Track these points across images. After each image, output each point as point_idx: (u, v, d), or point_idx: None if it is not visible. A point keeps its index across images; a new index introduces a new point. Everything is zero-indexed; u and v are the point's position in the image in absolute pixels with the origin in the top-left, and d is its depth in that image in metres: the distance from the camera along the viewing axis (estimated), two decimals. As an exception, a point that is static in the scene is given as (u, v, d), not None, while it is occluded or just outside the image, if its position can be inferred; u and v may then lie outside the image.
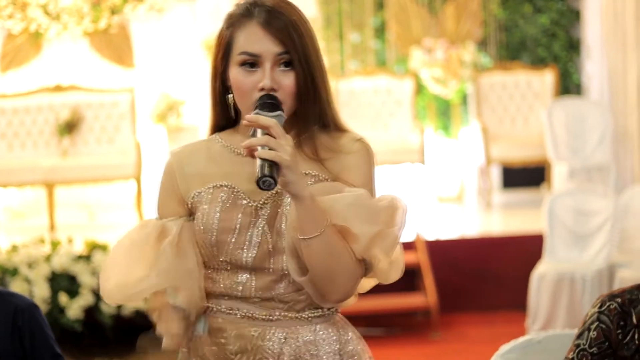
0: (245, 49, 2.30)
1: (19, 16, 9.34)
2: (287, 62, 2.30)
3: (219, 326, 2.35)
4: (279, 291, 2.32)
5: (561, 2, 10.04)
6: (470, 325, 7.13)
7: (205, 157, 2.39)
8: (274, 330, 2.33)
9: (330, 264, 2.23)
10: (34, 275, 6.71)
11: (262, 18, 2.30)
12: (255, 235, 2.31)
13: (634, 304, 2.63)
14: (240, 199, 2.34)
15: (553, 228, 6.69)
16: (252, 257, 2.31)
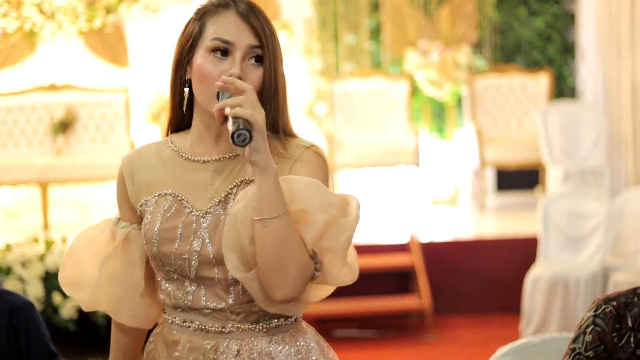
0: (219, 35, 2.25)
1: (14, 15, 9.32)
2: (256, 57, 2.27)
3: (173, 339, 2.31)
4: (229, 302, 2.26)
5: (556, 5, 10.05)
6: (464, 327, 7.13)
7: (155, 162, 2.35)
8: (227, 342, 2.27)
9: (284, 252, 2.13)
10: (27, 275, 6.69)
11: (242, 9, 2.28)
12: (197, 245, 2.25)
13: (630, 307, 2.64)
14: (184, 207, 2.29)
15: (547, 231, 6.70)
16: (195, 267, 2.26)
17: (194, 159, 2.32)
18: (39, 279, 6.70)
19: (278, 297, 2.17)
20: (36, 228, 8.30)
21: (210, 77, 2.24)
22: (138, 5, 9.41)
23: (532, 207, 8.03)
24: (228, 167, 2.30)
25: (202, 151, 2.32)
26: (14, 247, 6.87)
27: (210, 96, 2.24)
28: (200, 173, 2.30)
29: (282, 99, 2.30)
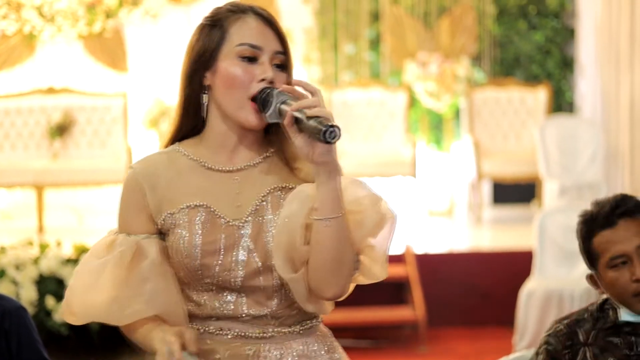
0: (247, 41, 2.26)
1: (14, 17, 9.32)
2: (281, 63, 2.28)
3: (208, 348, 2.28)
4: (271, 308, 2.28)
5: (556, 20, 10.06)
6: (458, 339, 7.12)
7: (170, 172, 2.31)
8: (268, 347, 2.28)
9: (342, 250, 2.20)
10: (21, 278, 6.67)
11: (262, 15, 2.30)
12: (241, 255, 2.25)
13: (581, 323, 2.74)
14: (218, 218, 2.27)
15: (543, 245, 6.69)
16: (240, 277, 2.25)
17: (217, 168, 2.30)
18: (33, 282, 6.69)
19: (330, 295, 2.24)
20: (31, 231, 8.28)
21: (241, 82, 2.24)
22: (138, 10, 9.41)
23: (528, 220, 8.02)
24: (252, 175, 2.30)
25: (223, 160, 2.31)
26: (8, 249, 6.85)
27: (241, 101, 2.25)
28: (226, 182, 2.29)
29: None
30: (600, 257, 2.68)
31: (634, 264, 2.65)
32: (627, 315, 2.69)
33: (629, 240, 2.66)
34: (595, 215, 2.69)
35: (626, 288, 2.65)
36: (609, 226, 2.68)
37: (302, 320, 2.32)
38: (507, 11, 9.99)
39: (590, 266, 2.73)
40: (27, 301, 6.59)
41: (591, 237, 2.69)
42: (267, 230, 2.25)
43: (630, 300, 2.66)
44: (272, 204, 2.27)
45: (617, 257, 2.66)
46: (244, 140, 2.30)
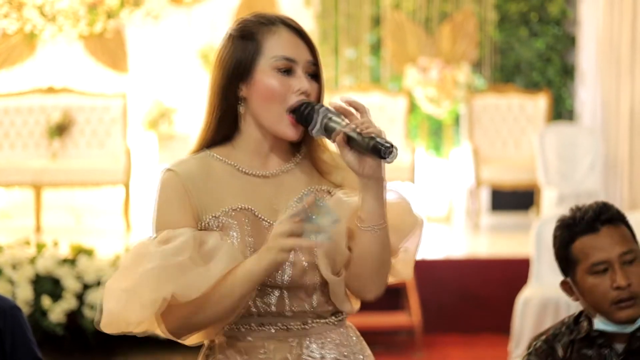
0: (283, 54, 2.32)
1: (15, 16, 9.32)
2: (313, 73, 2.36)
3: (250, 345, 2.36)
4: (311, 304, 2.37)
5: (557, 27, 10.06)
6: (453, 346, 7.11)
7: (208, 175, 2.35)
8: (309, 338, 2.38)
9: (384, 255, 2.35)
10: (17, 277, 6.67)
11: (293, 26, 2.36)
12: (290, 256, 2.31)
13: (558, 337, 2.75)
14: (260, 220, 2.35)
15: (540, 253, 6.67)
16: (288, 277, 2.34)
17: (253, 173, 2.37)
18: (29, 281, 6.68)
19: (372, 296, 2.41)
20: (28, 230, 8.28)
21: (279, 94, 2.31)
22: (140, 11, 9.41)
23: (526, 228, 8.01)
24: (285, 180, 2.39)
25: (257, 165, 2.38)
26: (5, 248, 6.85)
27: (279, 114, 2.32)
28: (262, 187, 2.36)
29: None
30: (580, 263, 2.67)
31: (616, 271, 2.64)
32: (601, 324, 2.68)
33: (612, 248, 2.65)
34: (577, 221, 2.68)
35: (605, 295, 2.64)
36: (592, 232, 2.67)
37: (336, 313, 2.42)
38: (509, 18, 10.00)
39: (566, 272, 2.72)
40: (23, 301, 6.58)
41: (571, 242, 2.68)
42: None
43: (608, 308, 2.65)
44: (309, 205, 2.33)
45: (599, 264, 2.65)
46: (276, 147, 2.39)
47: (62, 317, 6.65)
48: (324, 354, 2.38)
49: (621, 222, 2.70)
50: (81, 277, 6.73)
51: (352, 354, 2.43)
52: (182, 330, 2.31)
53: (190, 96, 9.49)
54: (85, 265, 6.71)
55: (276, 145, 2.38)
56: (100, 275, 6.73)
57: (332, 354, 2.39)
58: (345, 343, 2.42)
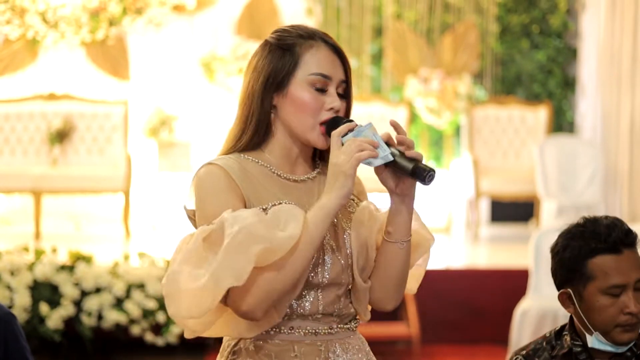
0: (320, 71, 2.40)
1: (17, 22, 9.33)
2: (343, 91, 2.43)
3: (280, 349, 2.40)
4: (339, 305, 2.44)
5: (558, 40, 10.07)
6: (451, 357, 7.11)
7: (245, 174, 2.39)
8: (335, 342, 2.44)
9: (406, 269, 2.47)
10: (15, 283, 6.66)
11: (331, 43, 2.43)
12: (328, 256, 2.40)
13: (539, 352, 2.74)
14: None
15: (539, 264, 6.67)
16: (327, 276, 2.40)
17: (288, 177, 2.44)
18: (27, 288, 6.68)
19: (390, 307, 2.51)
20: (28, 237, 8.27)
21: (312, 110, 2.39)
22: (142, 18, 9.42)
23: (525, 239, 8.01)
24: (314, 186, 2.46)
25: (287, 170, 2.46)
26: (4, 254, 6.84)
27: (310, 126, 2.40)
28: (296, 190, 2.43)
29: None
30: (595, 280, 2.62)
31: (629, 297, 2.61)
32: (596, 343, 2.65)
33: (630, 272, 2.61)
34: (602, 237, 2.62)
35: (614, 317, 2.61)
36: (615, 252, 2.61)
37: (354, 319, 2.49)
38: (510, 30, 10.01)
39: (570, 284, 2.66)
40: (20, 307, 6.58)
41: (589, 258, 2.62)
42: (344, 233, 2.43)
43: (611, 329, 2.63)
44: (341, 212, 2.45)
45: (617, 287, 2.61)
46: (303, 155, 2.47)
47: (59, 323, 6.65)
48: (348, 358, 2.45)
49: (636, 248, 2.66)
50: (79, 284, 6.73)
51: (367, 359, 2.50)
52: (262, 303, 2.28)
53: (191, 104, 9.49)
54: (83, 272, 6.71)
55: (303, 152, 2.46)
56: (98, 282, 6.73)
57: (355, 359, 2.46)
58: (363, 348, 2.49)
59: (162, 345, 6.81)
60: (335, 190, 2.30)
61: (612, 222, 2.65)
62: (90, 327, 6.72)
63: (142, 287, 6.76)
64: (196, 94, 9.50)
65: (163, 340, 6.75)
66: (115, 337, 6.82)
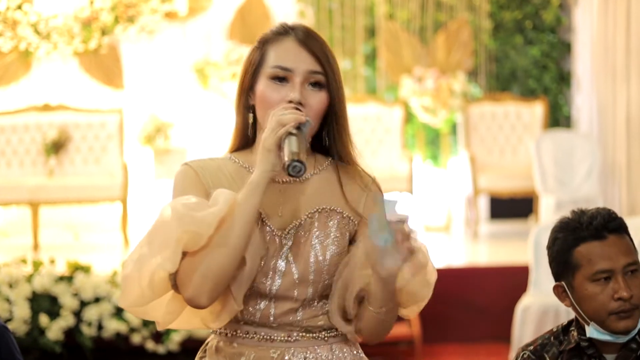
0: (278, 63, 2.34)
1: (9, 34, 9.31)
2: (316, 82, 2.35)
3: (234, 351, 2.37)
4: (297, 318, 2.37)
5: (552, 35, 10.06)
6: (453, 355, 7.09)
7: (221, 175, 2.38)
8: (293, 350, 2.37)
9: (390, 320, 2.37)
10: (14, 295, 6.65)
11: (300, 36, 2.36)
12: (281, 265, 2.33)
13: (546, 348, 2.71)
14: (265, 225, 2.35)
15: (538, 260, 6.66)
16: (277, 286, 2.34)
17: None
18: (26, 299, 6.66)
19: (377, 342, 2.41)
20: (26, 248, 8.26)
21: (270, 102, 2.32)
22: (134, 27, 9.40)
23: (524, 235, 7.99)
24: (297, 189, 2.39)
25: None
26: (2, 267, 6.83)
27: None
28: (271, 191, 2.34)
29: (344, 122, 2.40)
30: (581, 269, 2.62)
31: (619, 282, 2.59)
32: (594, 333, 2.64)
33: (617, 257, 2.60)
34: (583, 225, 2.62)
35: (605, 305, 2.60)
36: (599, 239, 2.61)
37: (329, 329, 2.40)
38: (503, 26, 9.99)
39: (561, 276, 2.66)
40: (20, 319, 6.57)
41: (574, 247, 2.62)
42: (312, 247, 2.35)
43: (605, 317, 2.61)
44: (319, 223, 2.37)
45: (602, 272, 2.60)
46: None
47: (60, 334, 6.63)
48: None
49: (625, 233, 2.65)
50: (78, 294, 6.71)
51: None
52: (202, 288, 2.23)
53: (186, 110, 9.48)
54: (82, 282, 6.70)
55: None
56: (97, 291, 6.71)
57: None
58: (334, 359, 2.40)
59: (164, 353, 6.80)
60: (259, 165, 2.25)
61: (596, 210, 2.66)
62: (90, 337, 6.71)
63: (141, 296, 6.74)
64: (190, 100, 9.49)
65: (164, 348, 6.74)
66: (116, 347, 6.80)
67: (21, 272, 6.78)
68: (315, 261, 2.34)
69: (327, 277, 2.36)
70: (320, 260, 2.34)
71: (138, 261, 2.24)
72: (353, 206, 2.41)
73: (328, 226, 2.37)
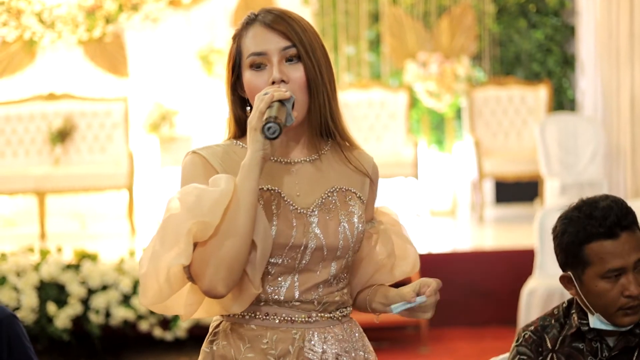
0: (252, 50, 2.38)
1: (14, 24, 9.33)
2: (293, 56, 2.37)
3: (254, 334, 2.39)
4: (318, 294, 2.41)
5: (556, 18, 10.05)
6: (460, 339, 7.11)
7: (229, 160, 2.40)
8: (312, 331, 2.41)
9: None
10: (22, 284, 6.68)
11: (265, 19, 2.39)
12: (311, 240, 2.37)
13: (547, 329, 2.72)
14: (287, 204, 2.38)
15: (544, 243, 6.67)
16: (305, 262, 2.38)
17: (278, 159, 2.42)
18: (34, 288, 6.70)
19: None
20: (33, 237, 8.29)
21: (257, 89, 2.35)
22: (138, 15, 9.42)
23: (530, 219, 8.01)
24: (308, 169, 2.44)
25: (278, 154, 2.43)
26: (9, 256, 6.86)
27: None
28: (284, 173, 2.40)
29: (332, 92, 2.43)
30: (592, 266, 2.60)
31: (629, 279, 2.59)
32: (598, 323, 2.64)
33: (629, 255, 2.58)
34: (597, 222, 2.59)
35: (615, 301, 2.60)
36: (612, 237, 2.58)
37: (340, 308, 2.46)
38: (507, 10, 9.99)
39: (569, 267, 2.65)
40: (28, 307, 6.60)
41: (586, 243, 2.59)
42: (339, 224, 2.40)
43: (613, 312, 2.61)
44: (340, 202, 2.43)
45: (614, 270, 2.59)
46: (294, 137, 2.42)
47: (67, 322, 6.67)
48: (326, 348, 2.41)
49: (637, 227, 2.63)
50: (86, 282, 6.74)
51: (354, 350, 2.47)
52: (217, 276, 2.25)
53: (191, 98, 9.50)
54: (89, 270, 6.73)
55: (292, 136, 2.42)
56: (104, 279, 6.74)
57: (334, 349, 2.42)
58: (347, 339, 2.45)
59: (171, 339, 6.83)
60: (249, 146, 2.27)
61: (609, 204, 2.62)
62: (98, 325, 6.74)
63: (148, 283, 6.77)
64: (195, 87, 9.50)
65: (172, 334, 6.77)
66: (123, 334, 6.84)
67: (28, 261, 6.81)
68: (344, 237, 2.40)
69: (351, 254, 2.43)
70: (349, 236, 2.40)
71: (152, 258, 2.27)
72: (355, 165, 2.49)
73: (350, 205, 2.44)
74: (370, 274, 2.55)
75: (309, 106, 2.39)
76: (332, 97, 2.42)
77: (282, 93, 2.28)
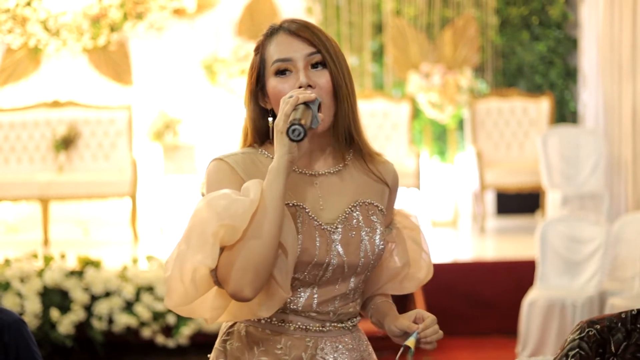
0: (277, 57, 2.39)
1: (19, 31, 9.37)
2: (318, 62, 2.39)
3: (268, 338, 2.42)
4: (335, 306, 2.45)
5: (558, 31, 10.09)
6: (461, 349, 7.13)
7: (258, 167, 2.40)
8: (325, 339, 2.45)
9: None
10: (25, 290, 6.71)
11: (290, 27, 2.41)
12: (333, 257, 2.39)
13: (613, 332, 2.66)
14: (311, 219, 2.39)
15: (545, 255, 6.70)
16: (327, 277, 2.40)
17: (303, 171, 2.43)
18: (37, 294, 6.72)
19: None
20: (36, 244, 8.32)
21: (284, 95, 2.34)
22: (143, 23, 9.46)
23: (531, 230, 8.03)
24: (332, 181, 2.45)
25: (302, 165, 2.44)
26: (13, 262, 6.89)
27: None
28: (308, 185, 2.42)
29: (354, 101, 2.44)
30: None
31: None
32: None
33: None
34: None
35: None
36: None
37: (352, 318, 2.50)
38: (510, 22, 10.03)
39: None
40: (31, 313, 6.62)
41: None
42: (361, 240, 2.42)
43: None
44: (363, 217, 2.44)
45: None
46: (318, 148, 2.43)
47: (70, 328, 6.69)
48: (337, 356, 2.46)
49: None
50: (89, 289, 6.77)
51: (362, 359, 2.51)
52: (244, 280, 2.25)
53: (195, 107, 9.53)
54: (92, 277, 6.76)
55: (317, 145, 2.43)
56: (107, 286, 6.77)
57: (344, 358, 2.47)
58: (357, 347, 2.50)
59: (173, 346, 6.84)
60: (276, 150, 2.27)
61: None
62: (101, 331, 6.76)
63: (151, 290, 6.80)
64: (199, 96, 9.54)
65: (174, 341, 6.79)
66: (126, 340, 6.86)
67: (32, 267, 6.84)
68: (365, 255, 2.42)
69: (370, 270, 2.46)
70: (369, 254, 2.43)
71: (178, 260, 2.26)
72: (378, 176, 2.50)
73: (372, 221, 2.45)
74: (382, 282, 2.59)
75: (336, 112, 2.40)
76: (354, 105, 2.44)
77: (307, 95, 2.28)
